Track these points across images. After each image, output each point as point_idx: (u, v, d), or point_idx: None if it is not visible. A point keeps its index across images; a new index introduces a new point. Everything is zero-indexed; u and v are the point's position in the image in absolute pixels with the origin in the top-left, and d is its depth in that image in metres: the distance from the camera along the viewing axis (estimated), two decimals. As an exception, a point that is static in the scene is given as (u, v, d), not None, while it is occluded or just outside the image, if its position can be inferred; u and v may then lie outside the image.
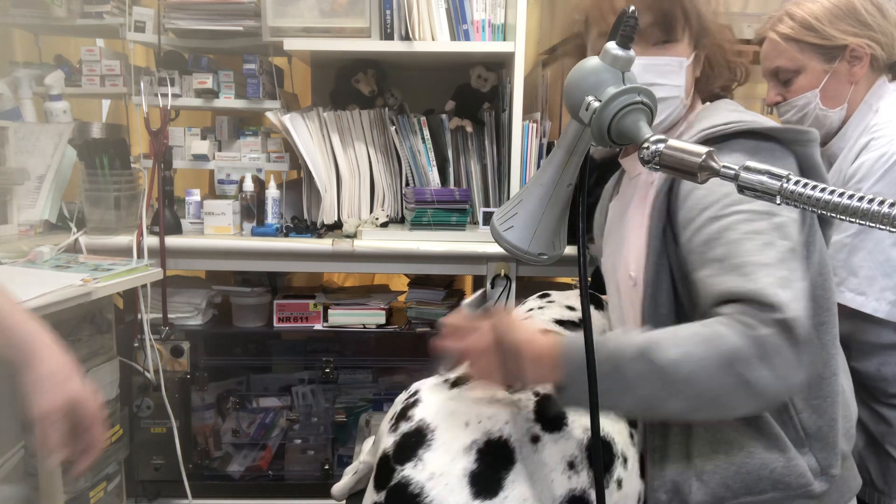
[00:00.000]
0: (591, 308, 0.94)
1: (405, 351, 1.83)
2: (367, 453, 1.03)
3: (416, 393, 0.92)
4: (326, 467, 1.80)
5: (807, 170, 0.93)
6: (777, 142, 0.91)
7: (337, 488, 1.03)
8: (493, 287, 1.67)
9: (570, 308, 1.16)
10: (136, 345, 1.74)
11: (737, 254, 0.80)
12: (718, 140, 0.90)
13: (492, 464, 0.80)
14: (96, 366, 1.65)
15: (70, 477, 0.59)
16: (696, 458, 0.91)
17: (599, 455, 0.82)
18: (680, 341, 0.76)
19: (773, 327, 0.74)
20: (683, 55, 0.98)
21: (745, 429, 0.90)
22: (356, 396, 1.84)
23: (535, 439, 0.83)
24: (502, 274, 1.66)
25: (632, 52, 0.71)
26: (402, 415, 0.88)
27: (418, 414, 0.86)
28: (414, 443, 0.83)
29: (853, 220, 0.55)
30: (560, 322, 1.10)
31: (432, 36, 1.68)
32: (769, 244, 0.80)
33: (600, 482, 0.78)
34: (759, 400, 0.78)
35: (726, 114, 0.97)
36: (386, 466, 0.85)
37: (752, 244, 0.80)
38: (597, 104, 0.69)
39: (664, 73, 0.97)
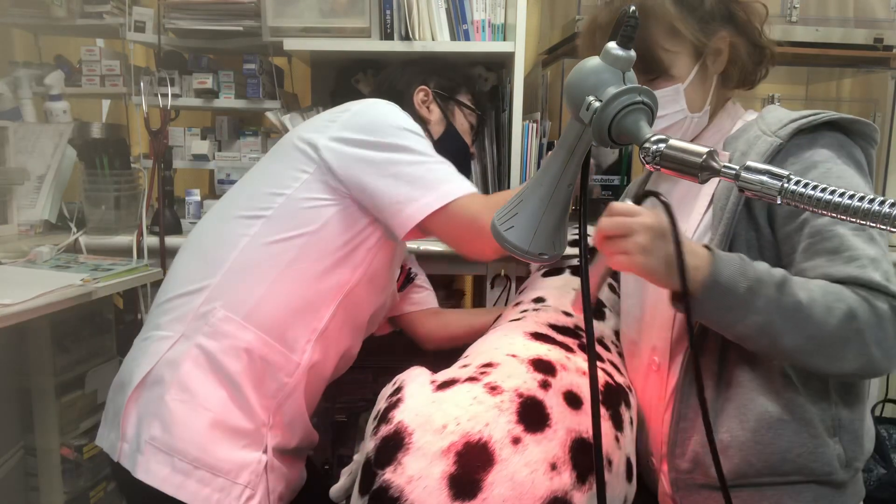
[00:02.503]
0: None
1: (405, 351, 1.82)
2: (358, 453, 1.03)
3: (398, 391, 0.92)
4: (327, 467, 1.80)
5: (871, 172, 0.99)
6: (853, 139, 0.97)
7: (334, 490, 1.03)
8: (492, 287, 1.67)
9: (567, 314, 1.15)
10: (136, 345, 1.75)
11: (850, 247, 0.87)
12: (811, 129, 0.95)
13: (471, 466, 0.80)
14: (96, 366, 1.66)
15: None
16: (723, 433, 0.93)
17: (600, 458, 0.82)
18: (814, 287, 0.85)
19: (888, 305, 0.84)
20: (680, 78, 1.00)
21: (777, 410, 0.91)
22: (356, 396, 1.84)
23: (516, 441, 0.82)
24: (502, 274, 1.66)
25: (632, 52, 0.71)
26: (383, 417, 0.88)
27: (397, 416, 0.86)
28: (393, 446, 0.84)
29: (853, 220, 0.55)
30: (554, 327, 1.09)
31: (432, 36, 1.68)
32: (872, 239, 0.88)
33: (601, 484, 0.78)
34: (865, 360, 0.84)
35: (788, 112, 1.00)
36: (368, 471, 0.85)
37: (860, 240, 0.87)
38: (597, 104, 0.69)
39: (661, 105, 0.99)
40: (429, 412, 0.86)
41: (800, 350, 0.84)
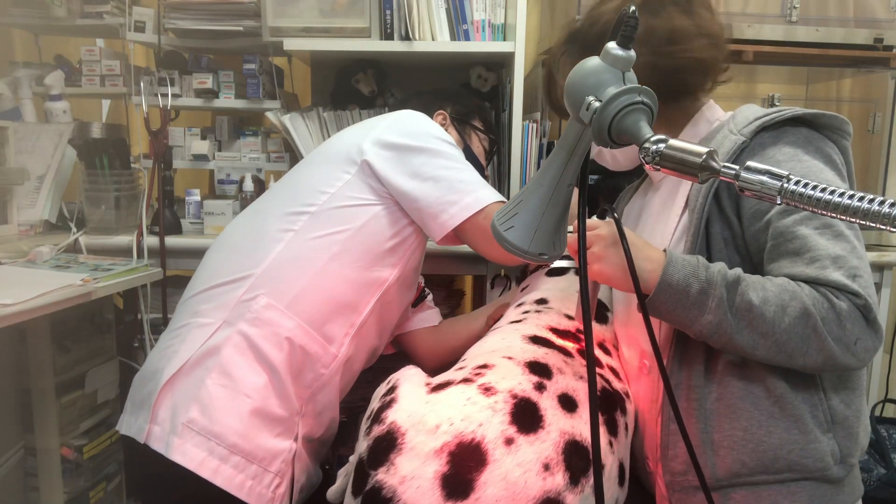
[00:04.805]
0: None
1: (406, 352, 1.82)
2: (354, 454, 1.03)
3: (392, 391, 0.92)
4: (327, 467, 1.80)
5: (847, 165, 0.98)
6: (822, 132, 0.97)
7: (331, 492, 1.03)
8: (492, 287, 1.67)
9: (569, 317, 1.15)
10: (136, 345, 1.74)
11: (812, 248, 0.87)
12: (774, 126, 0.95)
13: (464, 466, 0.80)
14: (96, 366, 1.66)
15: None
16: (714, 432, 0.93)
17: (598, 457, 0.82)
18: (770, 286, 0.86)
19: (849, 303, 0.84)
20: None
21: (768, 408, 0.92)
22: (356, 396, 1.84)
23: (509, 441, 0.82)
24: (502, 274, 1.66)
25: (632, 52, 0.71)
26: (376, 417, 0.88)
27: (390, 416, 0.86)
28: (385, 447, 0.84)
29: (853, 219, 0.55)
30: (555, 330, 1.09)
31: (432, 36, 1.68)
32: (839, 235, 0.88)
33: (599, 482, 0.78)
34: (826, 356, 0.85)
35: (756, 110, 1.00)
36: (361, 472, 0.85)
37: (824, 238, 0.87)
38: (597, 104, 0.69)
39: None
40: (422, 412, 0.85)
41: (755, 347, 0.86)
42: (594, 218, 0.96)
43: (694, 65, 1.00)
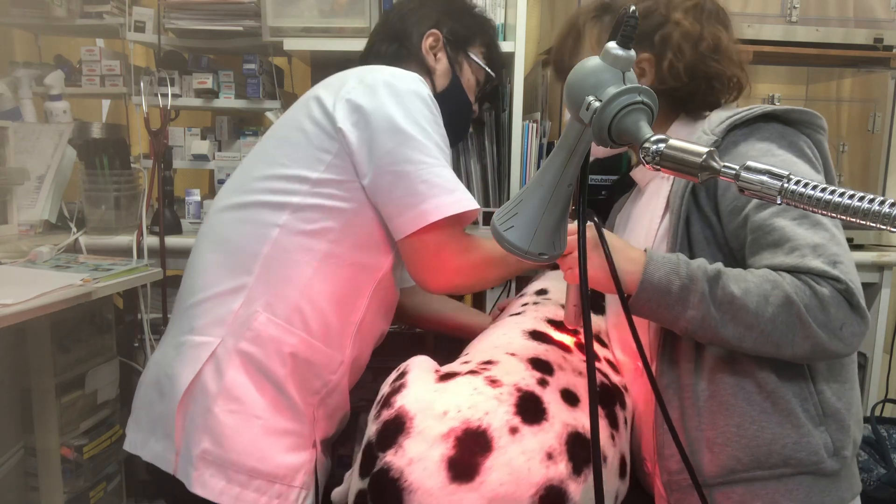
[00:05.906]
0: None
1: (405, 351, 1.82)
2: (364, 438, 1.04)
3: (402, 376, 0.93)
4: (326, 467, 1.80)
5: (823, 158, 0.98)
6: (795, 127, 0.97)
7: (336, 494, 1.04)
8: (492, 287, 1.67)
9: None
10: (136, 345, 1.74)
11: (790, 238, 0.88)
12: (746, 124, 0.96)
13: (469, 450, 0.82)
14: (96, 366, 1.66)
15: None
16: (708, 430, 0.94)
17: (597, 450, 0.82)
18: (751, 278, 0.87)
19: (831, 289, 0.84)
20: None
21: (759, 403, 0.92)
22: (356, 396, 1.84)
23: (513, 430, 0.84)
24: (502, 274, 1.66)
25: (632, 52, 0.71)
26: (386, 402, 0.90)
27: (399, 401, 0.88)
28: (394, 430, 0.86)
29: (853, 219, 0.55)
30: (553, 322, 1.11)
31: (432, 36, 1.68)
32: (817, 224, 0.88)
33: (599, 479, 0.78)
34: (813, 343, 0.85)
35: (730, 110, 1.00)
36: (369, 454, 0.87)
37: (802, 228, 0.88)
38: (597, 104, 0.69)
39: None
40: (430, 399, 0.88)
41: (741, 339, 0.87)
42: (574, 222, 0.95)
43: (727, 79, 1.05)
